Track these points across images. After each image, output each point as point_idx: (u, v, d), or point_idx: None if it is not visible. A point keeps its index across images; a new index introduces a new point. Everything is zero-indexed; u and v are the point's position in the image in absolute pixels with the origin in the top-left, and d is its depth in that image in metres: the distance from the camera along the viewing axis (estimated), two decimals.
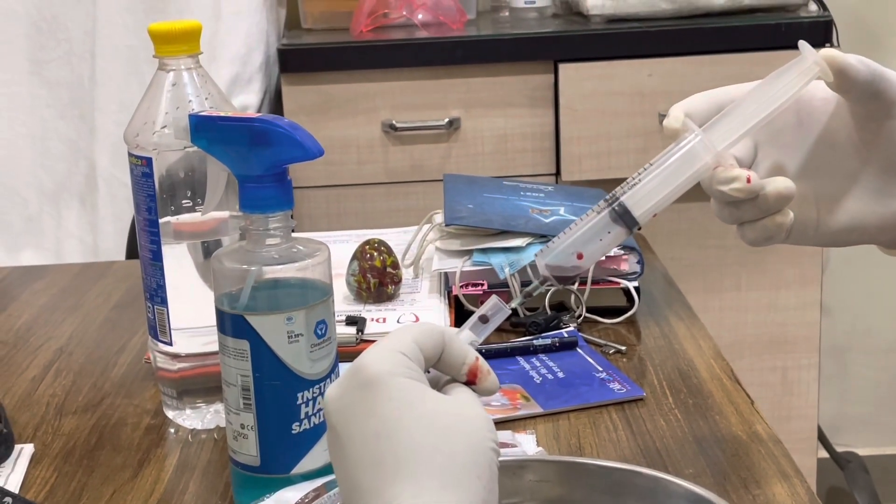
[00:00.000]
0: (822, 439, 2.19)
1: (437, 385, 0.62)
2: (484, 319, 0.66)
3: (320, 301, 0.74)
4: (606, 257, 1.08)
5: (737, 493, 0.77)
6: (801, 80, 0.69)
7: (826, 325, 2.16)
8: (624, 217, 0.69)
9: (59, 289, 1.27)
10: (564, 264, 0.69)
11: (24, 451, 0.87)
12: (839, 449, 2.34)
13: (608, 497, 0.68)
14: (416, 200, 1.91)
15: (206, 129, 0.74)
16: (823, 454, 2.20)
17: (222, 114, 0.76)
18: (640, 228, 0.70)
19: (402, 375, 0.58)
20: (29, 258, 2.01)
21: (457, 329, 0.66)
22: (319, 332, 0.73)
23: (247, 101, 1.97)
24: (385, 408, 0.57)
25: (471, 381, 0.62)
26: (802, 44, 0.69)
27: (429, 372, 0.62)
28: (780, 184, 0.70)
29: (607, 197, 0.70)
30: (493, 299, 0.67)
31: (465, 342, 0.63)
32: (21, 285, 1.29)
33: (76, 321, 1.16)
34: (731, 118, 0.70)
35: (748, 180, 0.69)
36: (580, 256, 0.69)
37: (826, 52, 0.69)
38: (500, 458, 0.58)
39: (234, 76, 1.96)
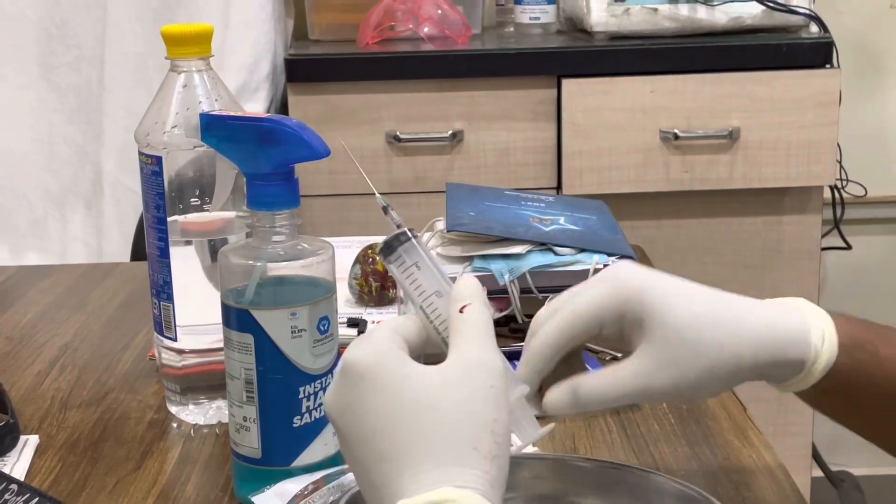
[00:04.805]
0: (817, 458, 2.20)
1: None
2: None
3: (324, 298, 0.75)
4: (605, 266, 1.09)
5: (727, 495, 0.78)
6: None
7: None
8: None
9: (65, 288, 1.28)
10: None
11: (29, 442, 0.89)
12: (833, 468, 2.34)
13: (599, 493, 0.70)
14: (419, 211, 1.92)
15: (216, 128, 0.76)
16: (817, 472, 2.21)
17: (232, 113, 0.78)
18: None
19: (383, 364, 0.60)
20: (33, 260, 2.03)
21: None
22: (322, 328, 0.75)
23: (253, 110, 1.98)
24: (374, 403, 0.59)
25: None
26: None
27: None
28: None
29: None
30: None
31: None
32: (27, 284, 1.31)
33: (81, 319, 1.18)
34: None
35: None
36: None
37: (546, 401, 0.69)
38: None
39: (242, 85, 1.98)
